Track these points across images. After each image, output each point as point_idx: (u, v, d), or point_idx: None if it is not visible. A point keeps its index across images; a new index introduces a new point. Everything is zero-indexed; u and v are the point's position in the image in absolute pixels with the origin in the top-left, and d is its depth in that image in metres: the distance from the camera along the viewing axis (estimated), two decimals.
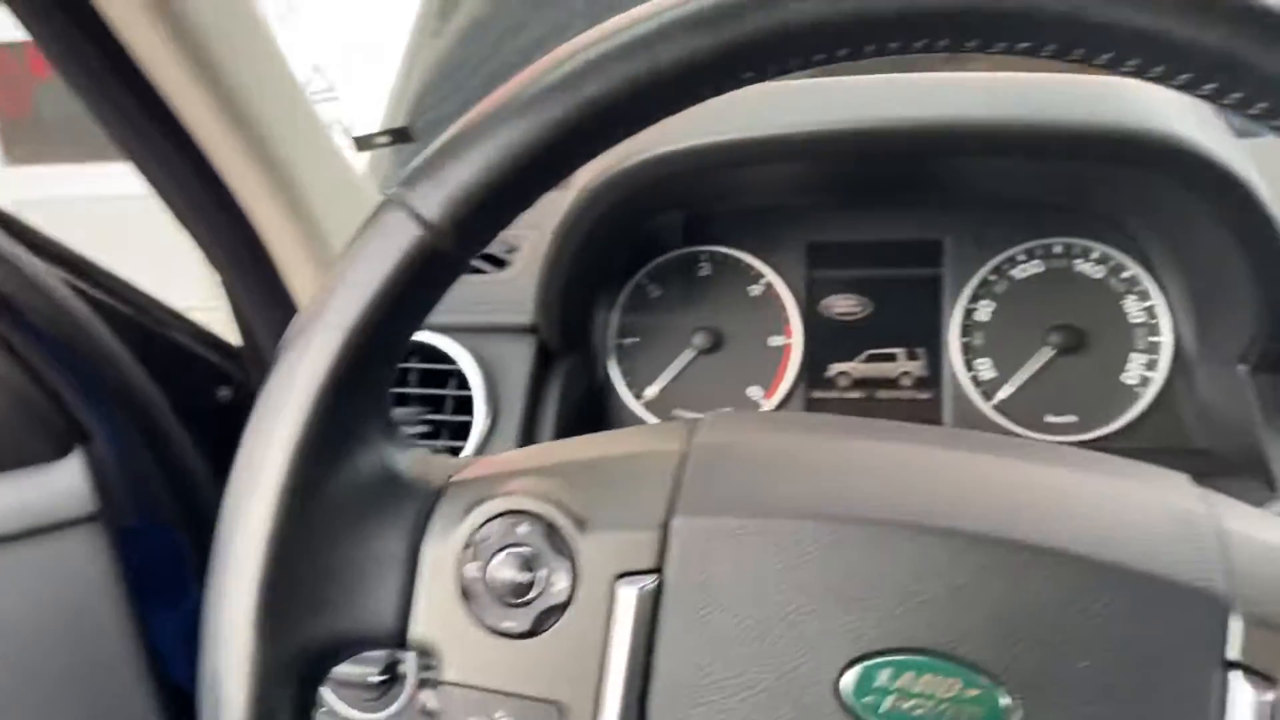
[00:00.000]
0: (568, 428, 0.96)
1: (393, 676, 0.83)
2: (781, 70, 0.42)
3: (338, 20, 4.09)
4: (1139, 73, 0.40)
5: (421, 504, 0.47)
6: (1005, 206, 0.99)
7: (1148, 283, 0.96)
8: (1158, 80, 0.40)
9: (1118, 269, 0.97)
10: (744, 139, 0.82)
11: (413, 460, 0.49)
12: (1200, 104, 0.83)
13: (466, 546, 0.46)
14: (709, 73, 0.41)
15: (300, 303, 0.92)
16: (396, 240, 0.43)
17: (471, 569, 0.45)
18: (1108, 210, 0.96)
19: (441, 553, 0.46)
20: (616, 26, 0.42)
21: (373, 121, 1.71)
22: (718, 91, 0.43)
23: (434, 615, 0.46)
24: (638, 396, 1.04)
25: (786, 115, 0.82)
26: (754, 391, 1.02)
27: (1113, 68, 0.40)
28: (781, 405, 1.02)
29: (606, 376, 1.04)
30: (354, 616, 0.46)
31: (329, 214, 0.90)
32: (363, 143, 1.10)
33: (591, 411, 1.03)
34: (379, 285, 0.43)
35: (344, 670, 0.82)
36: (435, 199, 0.43)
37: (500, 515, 0.46)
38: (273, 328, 0.94)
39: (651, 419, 1.03)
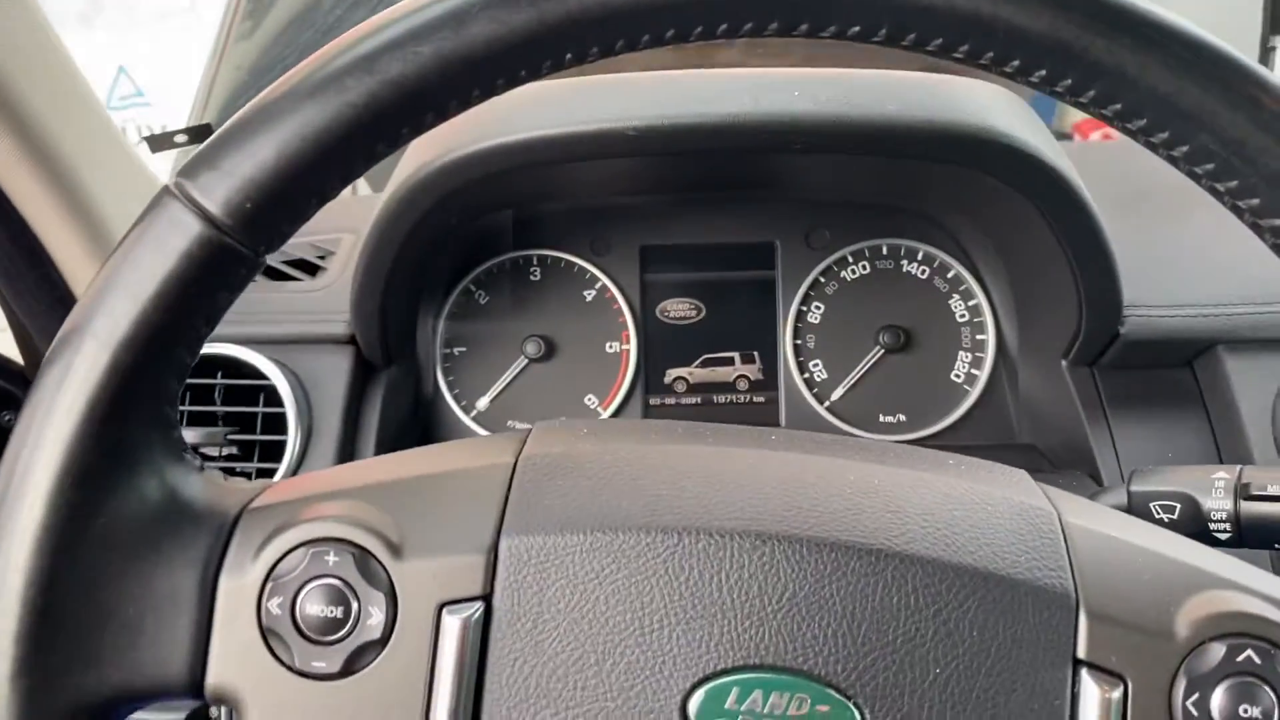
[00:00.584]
0: (391, 446, 0.91)
1: None
2: (605, 51, 0.40)
3: (148, 22, 3.86)
4: (971, 58, 0.39)
5: (215, 534, 0.42)
6: (834, 209, 0.99)
7: (971, 282, 0.98)
8: (989, 67, 0.40)
9: (943, 269, 0.98)
10: (572, 132, 0.79)
11: (204, 485, 0.44)
12: (1023, 105, 0.85)
13: (267, 580, 0.41)
14: (525, 51, 0.38)
15: None
16: (174, 237, 0.39)
17: (274, 605, 0.41)
18: (933, 211, 0.97)
19: (239, 588, 0.41)
20: (423, 2, 0.38)
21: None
22: (534, 75, 0.40)
23: (233, 659, 0.41)
24: (467, 410, 0.99)
25: (615, 109, 0.80)
26: (590, 400, 0.99)
27: (944, 54, 0.39)
28: (618, 413, 0.99)
29: (434, 389, 0.99)
30: (138, 666, 0.40)
31: (114, 212, 0.82)
32: (157, 142, 1.01)
33: (418, 427, 0.98)
34: (155, 288, 0.39)
35: None
36: (220, 189, 0.39)
37: (305, 544, 0.41)
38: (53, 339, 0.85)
39: (483, 432, 0.99)
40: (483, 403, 0.99)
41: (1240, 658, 0.38)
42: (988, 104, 0.80)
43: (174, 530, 0.41)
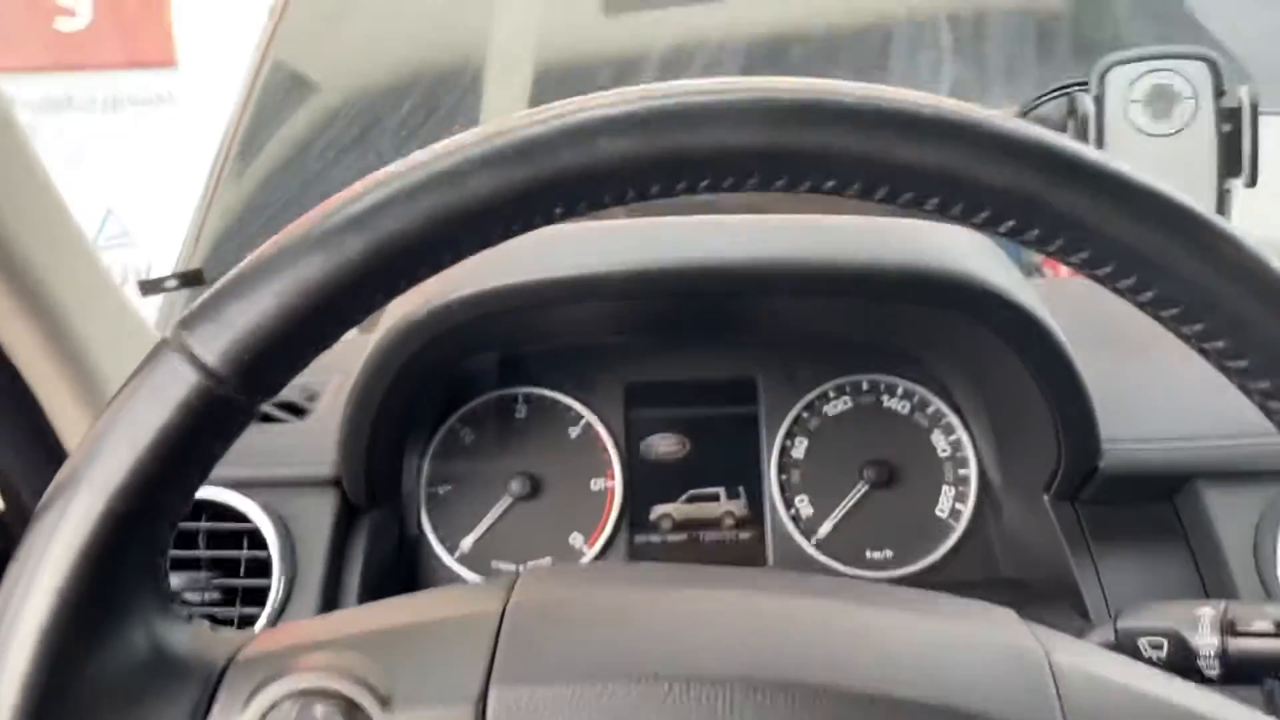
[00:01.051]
0: (375, 588, 0.90)
1: None
2: (594, 206, 0.41)
3: (133, 164, 3.93)
4: (941, 210, 0.41)
5: (201, 686, 0.42)
6: (815, 344, 1.01)
7: (951, 417, 0.99)
8: (958, 219, 0.41)
9: (922, 404, 1.00)
10: (559, 278, 0.81)
11: (191, 636, 0.43)
12: (993, 246, 0.88)
13: None
14: (519, 207, 0.40)
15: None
16: (172, 388, 0.39)
17: None
18: (911, 347, 0.99)
19: None
20: (419, 160, 0.40)
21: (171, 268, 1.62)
22: (527, 228, 0.41)
23: None
24: (452, 550, 0.98)
25: (599, 255, 0.82)
26: (575, 539, 0.99)
27: (915, 206, 0.41)
28: (604, 551, 0.98)
29: (418, 529, 0.99)
30: None
31: (106, 359, 0.82)
32: (149, 287, 1.03)
33: (402, 569, 0.97)
34: (150, 439, 0.39)
35: None
36: (218, 342, 0.39)
37: (292, 695, 0.40)
38: (40, 488, 0.84)
39: (468, 573, 0.98)
40: (467, 543, 0.98)
41: None
42: (959, 247, 0.83)
43: (160, 683, 0.41)
